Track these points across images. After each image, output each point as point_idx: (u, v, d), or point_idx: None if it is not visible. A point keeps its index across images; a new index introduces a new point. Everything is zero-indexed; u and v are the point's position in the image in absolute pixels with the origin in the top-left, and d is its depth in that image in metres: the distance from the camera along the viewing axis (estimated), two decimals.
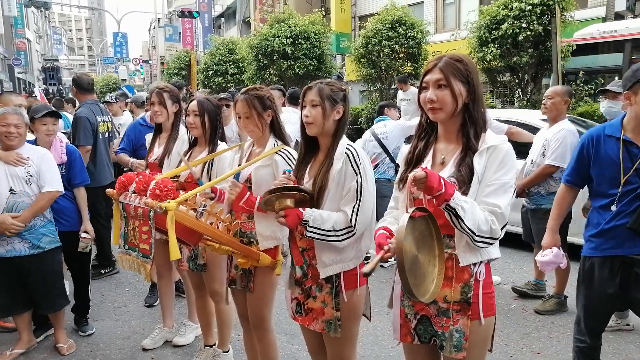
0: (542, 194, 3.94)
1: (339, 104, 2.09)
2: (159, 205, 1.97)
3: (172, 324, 3.62)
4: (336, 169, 2.03)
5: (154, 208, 1.98)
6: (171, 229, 1.96)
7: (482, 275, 1.72)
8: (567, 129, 3.84)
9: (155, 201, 1.99)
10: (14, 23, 35.82)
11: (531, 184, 3.96)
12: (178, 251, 2.02)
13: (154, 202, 1.99)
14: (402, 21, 12.50)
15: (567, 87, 4.26)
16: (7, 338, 3.64)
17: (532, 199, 4.02)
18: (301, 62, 14.08)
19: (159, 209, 1.96)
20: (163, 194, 2.03)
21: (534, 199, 4.00)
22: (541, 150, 3.91)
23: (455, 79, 1.70)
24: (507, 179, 1.66)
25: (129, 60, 38.74)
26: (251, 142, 2.61)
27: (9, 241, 3.16)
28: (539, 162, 3.91)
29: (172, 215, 1.96)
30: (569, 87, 4.50)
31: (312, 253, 2.10)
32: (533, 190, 3.98)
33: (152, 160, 3.38)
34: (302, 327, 2.31)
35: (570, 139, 3.79)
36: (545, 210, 3.92)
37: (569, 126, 3.87)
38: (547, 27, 9.21)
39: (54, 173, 3.27)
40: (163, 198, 2.02)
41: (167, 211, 1.96)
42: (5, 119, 3.13)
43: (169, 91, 3.38)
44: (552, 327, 3.75)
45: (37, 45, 50.24)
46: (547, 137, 3.90)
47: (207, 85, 19.32)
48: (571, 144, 3.77)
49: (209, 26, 34.64)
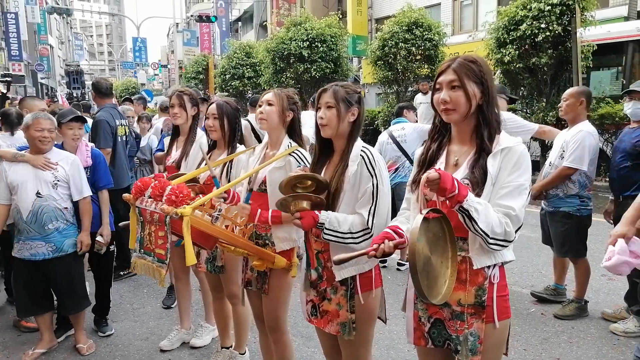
0: (561, 196, 3.87)
1: (353, 106, 2.10)
2: (174, 211, 1.99)
3: (189, 326, 3.66)
4: (351, 171, 2.04)
5: (169, 214, 2.00)
6: (187, 234, 1.98)
7: (496, 278, 1.70)
8: (586, 130, 3.76)
9: (171, 207, 2.02)
10: (37, 30, 36.63)
11: (549, 186, 3.90)
12: (194, 256, 2.04)
13: (169, 208, 2.01)
14: (418, 23, 12.44)
15: (583, 87, 4.18)
16: (29, 338, 3.73)
17: (550, 202, 3.96)
18: (318, 65, 14.10)
19: (175, 214, 1.98)
20: (179, 199, 2.05)
21: (552, 202, 3.94)
22: (559, 152, 3.85)
23: (469, 80, 1.69)
24: (522, 181, 1.64)
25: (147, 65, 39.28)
26: (265, 145, 2.63)
27: (32, 245, 3.25)
28: (557, 164, 3.85)
29: (187, 220, 1.98)
30: (586, 87, 4.42)
31: (327, 255, 2.11)
32: (551, 192, 3.92)
33: (169, 163, 3.43)
34: (317, 330, 2.31)
35: (589, 140, 3.72)
36: (563, 213, 3.87)
37: (588, 127, 3.80)
38: (566, 27, 9.07)
39: (83, 179, 3.40)
40: (179, 204, 2.04)
41: (182, 217, 1.98)
42: (39, 123, 3.22)
43: (189, 94, 3.42)
44: (572, 332, 3.69)
45: (59, 51, 51.29)
46: (566, 138, 3.83)
47: (224, 88, 19.47)
48: (590, 146, 3.71)
49: (227, 30, 34.95)
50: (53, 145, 3.35)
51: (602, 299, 4.26)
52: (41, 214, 3.23)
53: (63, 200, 3.31)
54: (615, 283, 4.54)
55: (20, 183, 3.22)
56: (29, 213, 3.22)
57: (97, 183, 3.62)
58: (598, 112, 8.90)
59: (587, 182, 3.82)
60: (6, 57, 27.16)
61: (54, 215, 3.27)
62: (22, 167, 3.25)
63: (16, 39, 27.34)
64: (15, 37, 27.28)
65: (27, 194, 3.21)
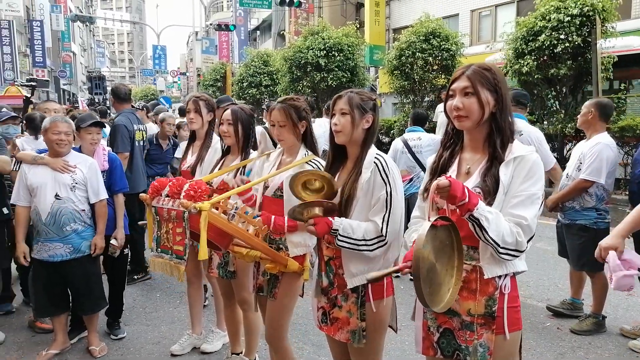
0: (577, 209, 3.81)
1: (368, 113, 2.10)
2: (193, 206, 2.00)
3: (200, 331, 3.67)
4: (365, 178, 2.03)
5: (188, 208, 2.01)
6: (203, 229, 1.99)
7: (507, 288, 1.68)
8: (604, 142, 3.70)
9: (190, 202, 2.03)
10: (61, 37, 37.53)
11: (565, 199, 3.84)
12: (206, 252, 2.05)
13: (188, 202, 2.03)
14: (436, 33, 12.40)
15: (598, 99, 4.11)
16: (43, 339, 3.77)
17: (566, 214, 3.90)
18: (334, 74, 14.14)
19: (194, 209, 2.00)
20: (197, 194, 2.07)
21: (568, 214, 3.88)
22: (577, 164, 3.80)
23: (482, 87, 1.68)
24: (535, 190, 1.62)
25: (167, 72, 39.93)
26: (281, 151, 2.64)
27: (51, 247, 3.30)
28: (574, 176, 3.79)
29: (205, 215, 2.00)
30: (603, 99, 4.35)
31: (339, 262, 2.11)
32: (567, 205, 3.86)
33: (184, 167, 3.46)
34: (327, 337, 2.30)
35: (607, 152, 3.66)
36: (579, 226, 3.80)
37: (606, 139, 3.74)
38: (586, 38, 8.97)
39: (100, 182, 3.46)
40: (197, 199, 2.05)
41: (201, 211, 1.99)
42: (56, 127, 3.29)
43: (205, 100, 3.46)
44: (589, 348, 3.61)
45: (81, 58, 52.39)
46: (583, 150, 3.78)
47: (241, 96, 19.65)
48: (607, 158, 3.65)
49: (245, 39, 35.36)
50: (71, 148, 3.41)
51: (621, 314, 4.16)
52: (60, 216, 3.28)
53: (81, 203, 3.37)
54: (635, 299, 4.43)
55: (40, 185, 3.28)
56: (47, 215, 3.27)
57: (113, 187, 3.67)
58: (618, 125, 8.74)
59: (605, 195, 3.75)
60: (30, 64, 27.85)
61: (72, 217, 3.32)
62: (41, 170, 3.31)
63: (40, 46, 28.04)
64: (40, 44, 27.99)
65: (46, 196, 3.27)
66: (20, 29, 27.14)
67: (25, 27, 28.50)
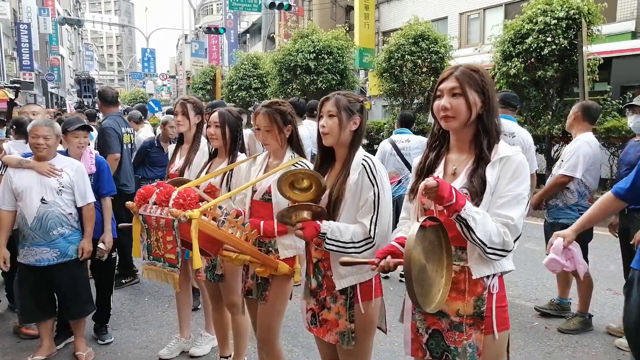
0: (560, 206, 3.92)
1: (355, 115, 2.10)
2: (182, 214, 1.98)
3: (189, 335, 3.64)
4: (352, 179, 2.04)
5: (178, 217, 1.99)
6: (195, 237, 1.98)
7: (495, 288, 1.69)
8: (583, 140, 3.84)
9: (179, 210, 2.01)
10: (48, 40, 37.17)
11: (546, 195, 3.96)
12: (200, 260, 2.03)
13: (178, 211, 2.01)
14: (425, 36, 12.47)
15: (583, 102, 4.22)
16: (29, 344, 3.72)
17: (550, 212, 4.01)
18: (324, 76, 14.16)
19: (183, 217, 1.98)
20: (186, 203, 2.05)
21: (552, 212, 3.98)
22: (560, 162, 3.95)
23: (470, 89, 1.69)
24: (520, 191, 1.63)
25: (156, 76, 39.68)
26: (267, 154, 2.63)
27: (37, 251, 3.26)
28: (555, 173, 3.93)
29: (195, 223, 1.98)
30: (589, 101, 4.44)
31: (327, 264, 2.10)
32: (551, 203, 3.97)
33: (172, 171, 3.44)
34: (316, 339, 2.30)
35: (584, 149, 3.78)
36: (562, 225, 3.84)
37: (586, 137, 3.87)
38: (572, 41, 9.08)
39: (87, 185, 3.42)
40: (187, 207, 2.03)
41: (191, 220, 1.98)
42: (35, 130, 3.25)
43: (193, 102, 3.44)
44: (576, 347, 3.64)
45: (69, 61, 51.95)
46: (566, 149, 3.94)
47: (231, 99, 19.59)
48: (584, 154, 3.76)
49: (235, 42, 35.29)
50: (53, 152, 3.36)
51: (608, 313, 4.20)
52: (46, 220, 3.24)
53: (67, 206, 3.33)
54: (621, 298, 4.46)
55: (25, 189, 3.23)
56: (33, 219, 3.23)
57: (101, 190, 3.64)
58: (604, 126, 8.85)
59: (586, 191, 3.86)
60: (18, 67, 27.54)
61: (59, 222, 3.28)
62: (27, 174, 3.27)
63: (28, 49, 27.74)
64: (27, 47, 27.69)
65: (32, 200, 3.23)
66: (7, 32, 26.83)
67: (12, 30, 28.18)
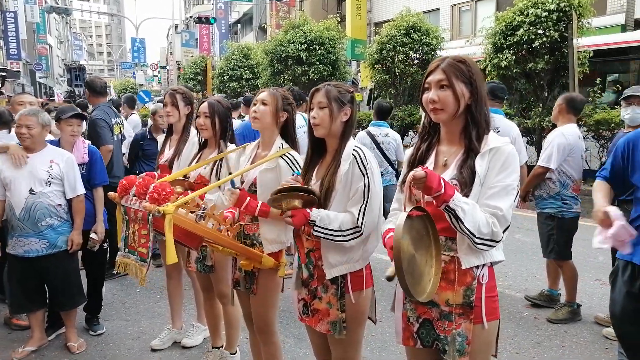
0: (544, 197, 3.99)
1: (346, 106, 2.11)
2: (157, 209, 1.96)
3: (180, 325, 3.64)
4: (343, 170, 2.04)
5: (152, 212, 1.98)
6: (169, 232, 1.95)
7: (485, 278, 1.70)
8: (560, 131, 3.91)
9: (153, 205, 1.99)
10: (36, 29, 36.62)
11: (528, 187, 4.04)
12: (175, 255, 2.00)
13: (152, 205, 1.99)
14: (416, 27, 12.48)
15: (567, 94, 4.27)
16: (19, 336, 3.70)
17: (537, 203, 4.09)
18: (315, 67, 14.13)
19: (157, 212, 1.96)
20: (161, 197, 2.02)
21: (538, 203, 4.08)
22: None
23: (457, 80, 1.69)
24: (510, 182, 1.64)
25: (146, 66, 39.27)
26: (256, 144, 2.62)
27: (26, 242, 3.23)
28: None
29: (169, 218, 1.96)
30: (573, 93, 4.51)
31: (319, 254, 2.11)
32: (536, 193, 4.05)
33: (162, 162, 3.41)
34: (308, 328, 2.30)
35: (559, 140, 3.85)
36: (546, 214, 4.00)
37: (563, 129, 3.92)
38: (563, 33, 9.12)
39: (78, 177, 3.39)
40: (161, 202, 2.01)
41: (165, 215, 1.96)
42: (19, 120, 3.22)
43: (182, 93, 3.41)
44: (565, 336, 3.69)
45: (58, 50, 51.27)
46: (545, 140, 4.09)
47: (222, 90, 19.49)
48: (558, 145, 3.83)
49: (226, 32, 35.01)
50: (40, 142, 3.31)
51: (596, 303, 4.26)
52: (34, 211, 3.21)
53: (57, 197, 3.30)
54: (609, 287, 4.53)
55: (13, 179, 3.20)
56: (22, 210, 3.20)
57: (93, 180, 3.61)
58: (594, 118, 8.92)
59: (569, 180, 3.92)
60: (4, 56, 27.12)
61: (48, 213, 3.26)
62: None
63: (15, 38, 27.30)
64: (14, 36, 27.25)
65: (20, 191, 3.20)
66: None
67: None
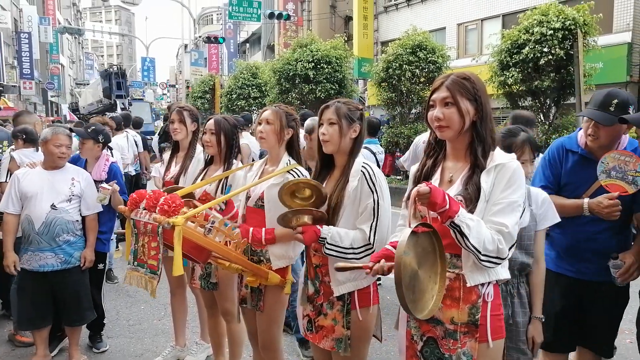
0: None
1: (355, 123, 2.14)
2: (166, 221, 1.97)
3: (184, 343, 3.62)
4: (352, 186, 2.06)
5: (161, 223, 1.99)
6: (177, 244, 1.97)
7: (490, 296, 1.67)
8: None
9: (163, 217, 2.01)
10: (49, 49, 37.29)
11: None
12: (182, 267, 2.02)
13: (162, 217, 2.00)
14: (423, 46, 12.55)
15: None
16: (23, 352, 3.69)
17: None
18: (322, 86, 14.22)
19: (167, 224, 1.97)
20: (171, 209, 2.04)
21: None
22: None
23: (462, 97, 1.69)
24: (515, 198, 1.63)
25: (156, 84, 39.82)
26: (264, 161, 2.63)
27: (42, 256, 3.26)
28: None
29: (179, 230, 1.97)
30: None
31: (325, 270, 2.11)
32: None
33: (168, 178, 3.43)
34: (312, 345, 2.29)
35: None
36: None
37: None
38: (569, 51, 9.14)
39: (94, 196, 3.46)
40: (171, 214, 2.03)
41: (174, 227, 1.97)
42: (58, 139, 3.28)
43: (189, 110, 3.45)
44: None
45: (70, 70, 52.08)
46: None
47: (230, 108, 19.65)
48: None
49: (235, 51, 35.50)
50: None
51: None
52: (54, 226, 3.25)
53: (76, 214, 3.37)
54: None
55: (35, 194, 3.24)
56: (42, 224, 3.23)
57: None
58: None
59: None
60: (18, 75, 27.60)
61: (66, 228, 3.30)
62: (37, 178, 3.29)
63: (28, 58, 27.83)
64: (27, 56, 27.78)
65: (42, 205, 3.24)
66: (8, 41, 26.90)
67: (12, 39, 28.28)
